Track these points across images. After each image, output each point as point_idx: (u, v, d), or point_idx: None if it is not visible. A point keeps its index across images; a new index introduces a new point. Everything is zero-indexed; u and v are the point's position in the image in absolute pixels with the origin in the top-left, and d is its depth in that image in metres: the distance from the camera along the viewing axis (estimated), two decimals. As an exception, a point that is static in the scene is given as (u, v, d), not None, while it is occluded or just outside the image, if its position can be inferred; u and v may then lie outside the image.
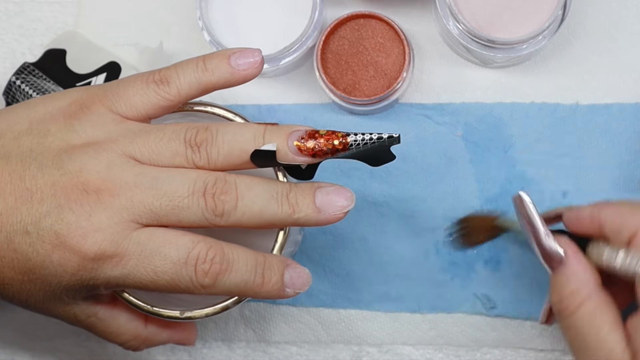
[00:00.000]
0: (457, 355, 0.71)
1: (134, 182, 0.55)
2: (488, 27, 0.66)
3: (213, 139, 0.56)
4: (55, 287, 0.56)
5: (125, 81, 0.58)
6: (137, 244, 0.55)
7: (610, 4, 0.70)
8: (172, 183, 0.55)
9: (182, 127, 0.57)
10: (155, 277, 0.55)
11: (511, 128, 0.70)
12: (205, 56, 0.58)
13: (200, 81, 0.57)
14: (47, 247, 0.55)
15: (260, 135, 0.56)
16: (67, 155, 0.55)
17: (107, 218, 0.54)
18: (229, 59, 0.58)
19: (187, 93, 0.57)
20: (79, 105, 0.57)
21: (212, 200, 0.55)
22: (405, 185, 0.70)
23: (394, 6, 0.71)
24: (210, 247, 0.56)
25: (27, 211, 0.55)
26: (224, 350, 0.73)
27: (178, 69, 0.58)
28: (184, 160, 0.56)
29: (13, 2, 0.74)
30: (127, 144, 0.56)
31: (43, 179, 0.55)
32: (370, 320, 0.71)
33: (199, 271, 0.55)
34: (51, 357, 0.74)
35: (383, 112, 0.71)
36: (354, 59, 0.69)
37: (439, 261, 0.70)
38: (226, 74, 0.58)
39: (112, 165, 0.55)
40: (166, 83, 0.57)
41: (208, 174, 0.56)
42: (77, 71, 0.71)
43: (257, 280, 0.57)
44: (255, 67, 0.58)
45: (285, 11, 0.69)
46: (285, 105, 0.72)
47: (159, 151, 0.56)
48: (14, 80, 0.70)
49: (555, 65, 0.70)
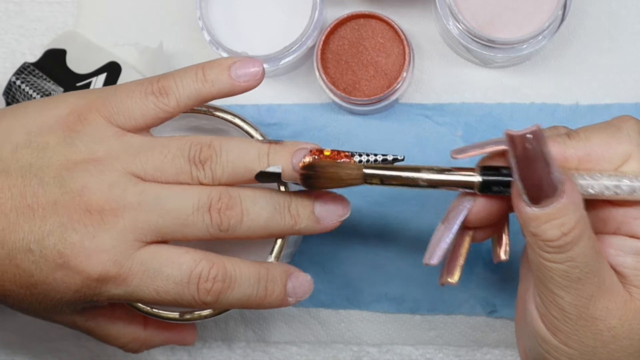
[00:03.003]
0: (457, 355, 0.71)
1: (137, 201, 0.55)
2: (488, 27, 0.66)
3: (217, 157, 0.56)
4: (56, 301, 0.57)
5: (124, 90, 0.57)
6: (141, 264, 0.55)
7: (610, 4, 0.70)
8: (176, 201, 0.55)
9: (185, 144, 0.56)
10: (157, 296, 0.56)
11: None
12: (205, 65, 0.57)
13: (200, 93, 0.57)
14: (51, 265, 0.55)
15: (265, 155, 0.56)
16: (68, 173, 0.55)
17: (111, 239, 0.55)
18: (229, 70, 0.57)
19: (186, 104, 0.57)
20: (77, 116, 0.56)
21: (218, 216, 0.55)
22: (405, 185, 0.70)
23: (394, 6, 0.71)
24: (212, 265, 0.56)
25: (29, 228, 0.55)
26: (224, 350, 0.73)
27: (177, 79, 0.57)
28: (188, 177, 0.56)
29: (13, 2, 0.74)
30: (129, 162, 0.55)
31: (45, 196, 0.55)
32: (370, 320, 0.71)
33: (201, 290, 0.56)
34: (51, 357, 0.74)
35: (383, 112, 0.71)
36: (354, 59, 0.69)
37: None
38: (226, 86, 0.57)
39: (114, 185, 0.55)
40: (165, 95, 0.56)
41: (212, 189, 0.56)
42: (77, 71, 0.71)
43: (260, 293, 0.57)
44: (256, 79, 0.58)
45: (285, 11, 0.69)
46: (285, 105, 0.72)
47: (163, 169, 0.55)
48: (14, 80, 0.70)
49: (555, 65, 0.70)
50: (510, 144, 0.51)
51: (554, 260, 0.51)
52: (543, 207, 0.51)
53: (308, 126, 0.71)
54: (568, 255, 0.51)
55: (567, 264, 0.51)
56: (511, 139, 0.51)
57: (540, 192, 0.51)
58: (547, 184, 0.51)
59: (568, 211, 0.51)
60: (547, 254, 0.51)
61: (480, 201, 0.55)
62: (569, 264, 0.51)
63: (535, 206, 0.51)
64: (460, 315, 0.70)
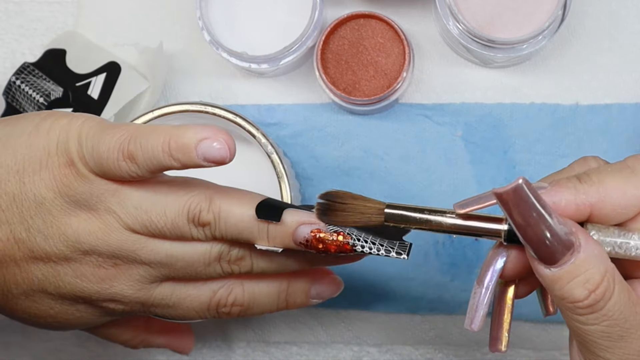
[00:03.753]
0: (457, 355, 0.71)
1: (148, 260, 0.55)
2: (488, 27, 0.66)
3: (216, 225, 0.55)
4: (75, 325, 0.59)
5: (99, 150, 0.54)
6: (161, 299, 0.57)
7: (610, 4, 0.70)
8: (186, 258, 0.56)
9: (184, 206, 0.54)
10: (180, 319, 0.58)
11: (511, 128, 0.70)
12: (172, 139, 0.53)
13: (166, 167, 0.54)
14: (72, 302, 0.57)
15: (264, 232, 0.54)
16: (73, 233, 0.55)
17: (128, 287, 0.56)
18: (196, 149, 0.53)
19: (158, 172, 0.54)
20: (67, 167, 0.54)
21: (229, 266, 0.56)
22: (405, 185, 0.70)
23: (394, 6, 0.71)
24: (230, 292, 0.57)
25: (43, 276, 0.55)
26: (224, 350, 0.73)
27: (144, 148, 0.53)
28: (189, 238, 0.55)
29: (13, 2, 0.74)
30: (130, 222, 0.54)
31: (53, 252, 0.55)
32: (370, 320, 0.71)
33: (221, 314, 0.58)
34: (51, 357, 0.74)
35: (383, 112, 0.71)
36: (354, 59, 0.69)
37: (438, 262, 0.70)
38: (191, 165, 0.53)
39: (123, 247, 0.55)
40: (134, 161, 0.53)
41: (220, 244, 0.56)
42: (77, 71, 0.70)
43: (281, 305, 0.59)
44: (223, 162, 0.53)
45: (285, 11, 0.69)
46: (285, 105, 0.72)
47: (164, 232, 0.55)
48: (14, 80, 0.70)
49: (555, 65, 0.70)
50: (500, 202, 0.47)
51: (589, 323, 0.47)
52: (561, 267, 0.47)
53: (308, 126, 0.71)
54: (602, 313, 0.47)
55: (604, 323, 0.47)
56: (499, 198, 0.47)
57: (550, 249, 0.47)
58: (555, 239, 0.47)
59: (589, 265, 0.47)
60: (580, 317, 0.47)
61: (514, 252, 0.51)
62: (606, 323, 0.47)
63: (552, 267, 0.47)
64: (460, 315, 0.70)
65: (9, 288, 0.56)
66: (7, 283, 0.56)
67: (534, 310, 0.69)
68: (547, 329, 0.70)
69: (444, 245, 0.70)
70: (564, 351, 0.70)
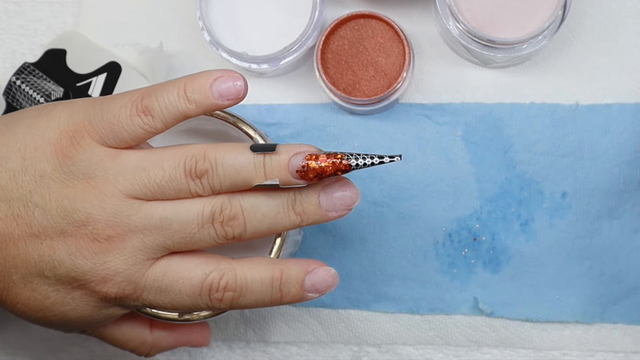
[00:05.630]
0: (457, 355, 0.71)
1: (143, 225, 0.56)
2: (488, 27, 0.66)
3: (214, 171, 0.56)
4: (74, 320, 0.58)
5: (109, 111, 0.56)
6: (153, 281, 0.57)
7: (610, 4, 0.70)
8: (180, 219, 0.56)
9: (180, 159, 0.56)
10: (174, 306, 0.58)
11: (511, 128, 0.70)
12: (187, 83, 0.56)
13: (185, 113, 0.56)
14: (67, 288, 0.57)
15: (261, 167, 0.56)
16: (70, 204, 0.55)
17: (122, 262, 0.56)
18: (211, 89, 0.56)
19: (173, 123, 0.57)
20: (69, 139, 0.56)
21: (222, 228, 0.56)
22: (405, 185, 0.70)
23: (394, 6, 0.71)
24: (222, 275, 0.57)
25: (39, 257, 0.56)
26: (224, 350, 0.73)
27: (159, 99, 0.56)
28: (187, 193, 0.56)
29: (13, 2, 0.74)
30: (128, 186, 0.55)
31: (50, 226, 0.55)
32: (370, 320, 0.71)
33: (213, 299, 0.57)
34: (51, 357, 0.74)
35: (383, 112, 0.71)
36: (354, 59, 0.69)
37: (438, 262, 0.70)
38: (209, 106, 0.56)
39: (118, 212, 0.55)
40: (150, 116, 0.56)
41: (213, 200, 0.56)
42: (77, 71, 0.71)
43: (275, 296, 0.58)
44: (239, 96, 0.56)
45: (285, 11, 0.69)
46: (285, 105, 0.72)
47: (162, 190, 0.56)
48: (14, 80, 0.70)
49: (555, 65, 0.70)
50: None
51: None
52: None
53: (308, 126, 0.71)
54: None
55: None
56: None
57: None
58: None
59: None
60: None
61: None
62: None
63: None
64: (460, 315, 0.70)
65: (9, 272, 0.56)
66: (7, 267, 0.56)
67: (534, 310, 0.70)
68: (547, 329, 0.70)
69: (444, 245, 0.70)
70: (564, 351, 0.70)
